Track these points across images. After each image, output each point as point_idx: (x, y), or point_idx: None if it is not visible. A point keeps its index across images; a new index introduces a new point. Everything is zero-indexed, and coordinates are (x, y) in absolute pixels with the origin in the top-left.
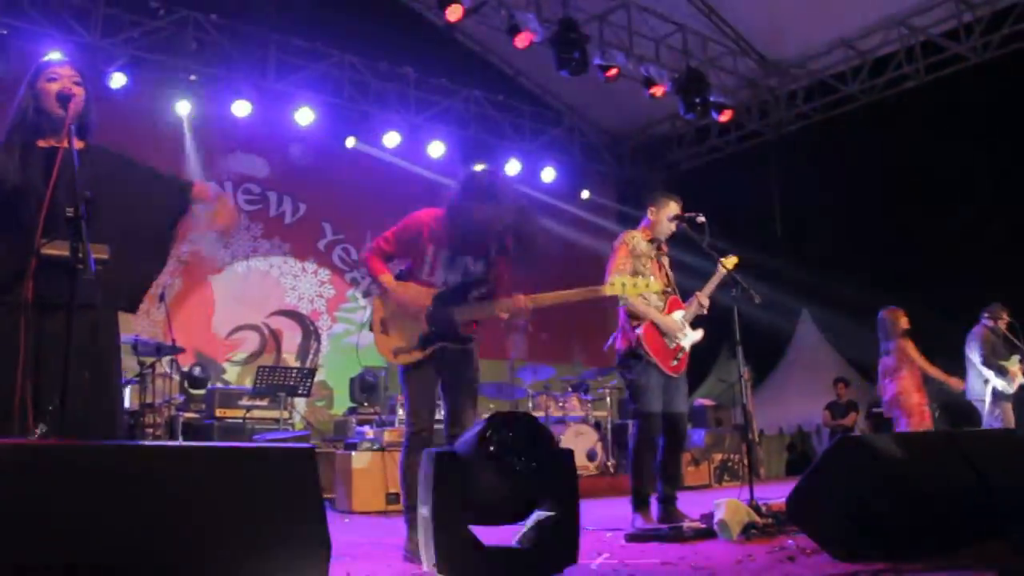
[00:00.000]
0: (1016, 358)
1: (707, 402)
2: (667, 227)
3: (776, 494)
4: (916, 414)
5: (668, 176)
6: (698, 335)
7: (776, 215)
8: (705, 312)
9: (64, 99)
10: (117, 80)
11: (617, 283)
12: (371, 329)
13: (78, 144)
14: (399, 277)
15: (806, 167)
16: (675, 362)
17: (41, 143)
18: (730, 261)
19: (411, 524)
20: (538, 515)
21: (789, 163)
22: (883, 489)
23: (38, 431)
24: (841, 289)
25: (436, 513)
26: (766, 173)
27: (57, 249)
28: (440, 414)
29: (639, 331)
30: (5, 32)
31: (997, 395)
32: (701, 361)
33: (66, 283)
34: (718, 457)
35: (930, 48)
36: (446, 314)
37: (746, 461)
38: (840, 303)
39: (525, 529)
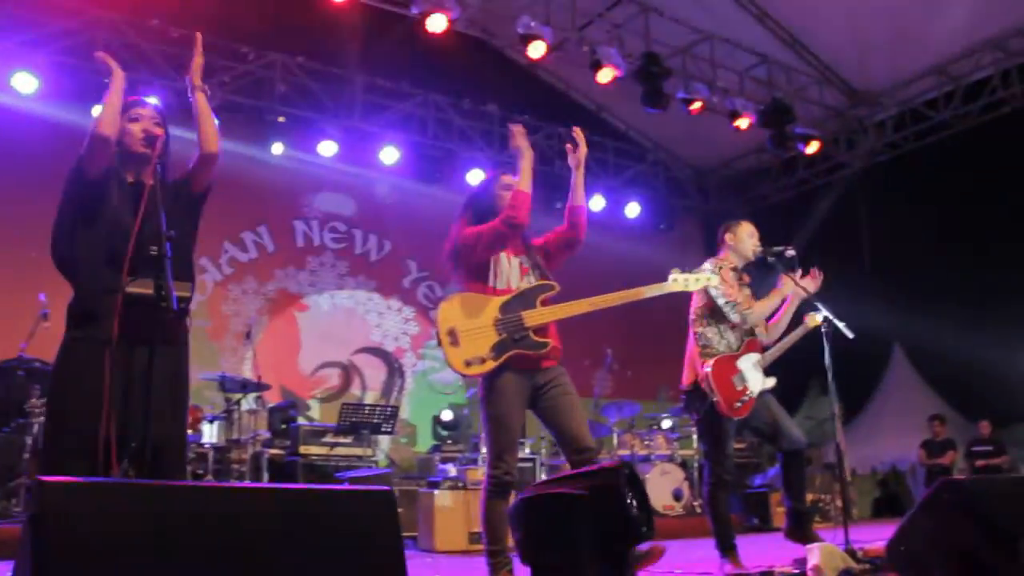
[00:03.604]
0: None
1: None
2: (749, 247)
3: (869, 537)
4: None
5: (754, 209)
6: (770, 383)
7: (865, 247)
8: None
9: (150, 140)
10: None
11: (680, 279)
12: (439, 343)
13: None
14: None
15: (897, 197)
16: (739, 405)
17: (129, 178)
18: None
19: (493, 567)
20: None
21: (879, 194)
22: (988, 537)
23: (122, 469)
24: (935, 323)
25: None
26: (855, 205)
27: (142, 287)
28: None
29: (707, 368)
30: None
31: None
32: (789, 399)
33: (150, 321)
34: (808, 498)
35: None
36: (517, 319)
37: (839, 502)
38: (934, 338)
39: None
